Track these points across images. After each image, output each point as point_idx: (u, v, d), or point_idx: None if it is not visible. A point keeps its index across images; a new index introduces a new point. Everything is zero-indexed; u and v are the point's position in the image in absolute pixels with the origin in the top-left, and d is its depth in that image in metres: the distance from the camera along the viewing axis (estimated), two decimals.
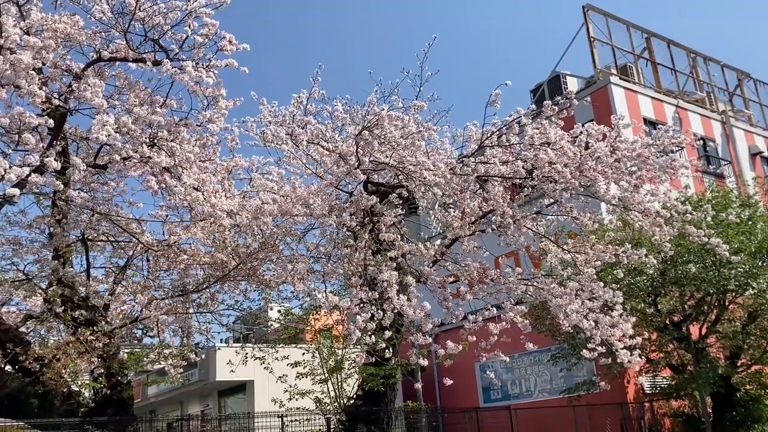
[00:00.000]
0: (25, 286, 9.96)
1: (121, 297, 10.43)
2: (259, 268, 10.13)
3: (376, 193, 9.28)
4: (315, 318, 14.04)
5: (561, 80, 25.91)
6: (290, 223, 9.67)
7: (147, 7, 7.98)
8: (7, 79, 6.73)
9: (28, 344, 8.57)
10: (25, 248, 10.03)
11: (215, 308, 11.01)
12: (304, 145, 9.14)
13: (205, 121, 8.50)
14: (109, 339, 8.60)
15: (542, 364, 21.46)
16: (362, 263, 8.37)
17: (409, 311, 7.51)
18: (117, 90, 9.16)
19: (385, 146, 8.59)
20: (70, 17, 8.07)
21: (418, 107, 8.88)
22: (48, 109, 7.26)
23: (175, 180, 8.53)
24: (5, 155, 6.88)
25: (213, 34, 8.07)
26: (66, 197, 8.39)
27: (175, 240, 9.71)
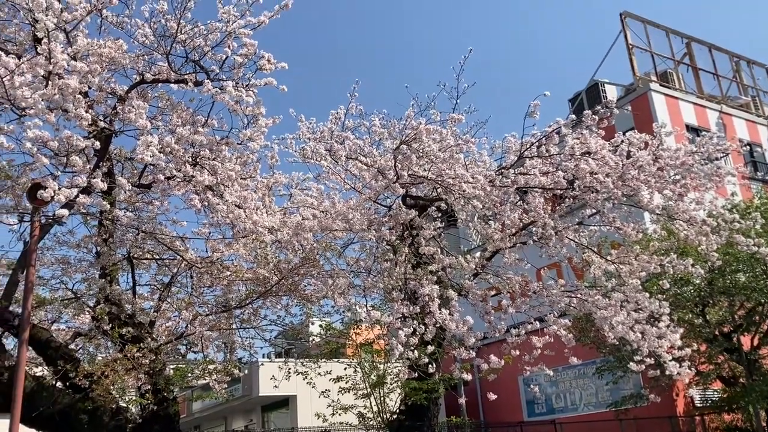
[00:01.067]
0: (74, 305, 10.19)
1: (166, 314, 10.61)
2: (300, 283, 10.20)
3: (415, 206, 9.28)
4: (356, 332, 14.05)
5: (600, 89, 25.60)
6: (330, 238, 9.74)
7: (188, 29, 8.18)
8: (55, 104, 6.95)
9: (78, 361, 8.74)
10: (73, 267, 10.29)
11: (258, 324, 11.12)
12: (342, 161, 9.21)
13: (246, 140, 8.63)
14: (155, 355, 8.73)
15: (587, 377, 21.06)
16: (403, 277, 8.36)
17: (451, 325, 7.47)
18: (160, 111, 9.39)
19: (424, 160, 8.60)
20: (114, 42, 8.31)
21: (455, 120, 8.87)
22: (94, 131, 7.46)
23: (217, 198, 8.66)
24: (54, 177, 7.10)
25: (252, 53, 8.22)
26: (112, 217, 8.59)
27: (218, 257, 9.85)
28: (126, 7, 8.72)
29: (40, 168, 7.61)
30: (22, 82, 6.66)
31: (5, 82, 6.53)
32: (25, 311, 7.13)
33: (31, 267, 7.36)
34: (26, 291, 7.25)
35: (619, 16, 25.46)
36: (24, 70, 6.78)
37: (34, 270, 7.58)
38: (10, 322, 8.44)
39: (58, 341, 9.15)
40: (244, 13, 8.17)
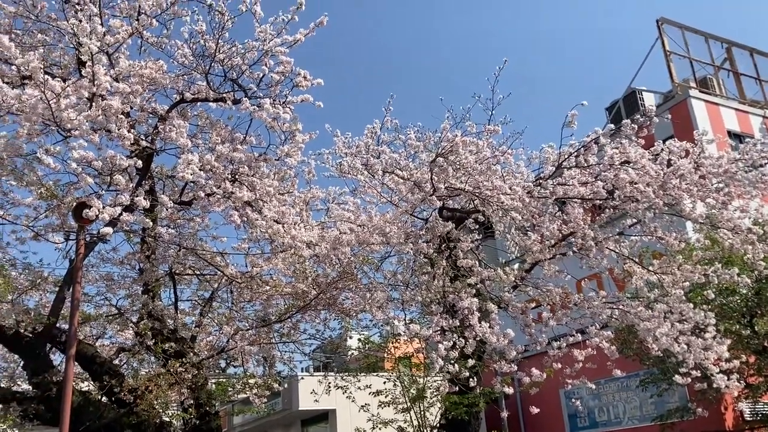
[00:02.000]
0: (118, 320, 10.40)
1: (207, 328, 10.75)
2: (338, 297, 10.25)
3: (452, 219, 9.25)
4: (394, 346, 14.03)
5: (637, 96, 25.21)
6: (367, 251, 9.77)
7: (226, 48, 8.34)
8: (99, 124, 7.13)
9: (122, 376, 8.91)
10: (117, 284, 10.51)
11: (297, 338, 11.19)
12: (379, 174, 9.25)
13: (284, 156, 8.73)
14: (197, 370, 8.85)
15: (631, 390, 20.59)
16: (441, 290, 8.33)
17: (491, 338, 7.41)
18: (199, 129, 9.58)
19: (460, 172, 8.58)
20: (154, 62, 8.52)
21: (492, 131, 8.85)
22: (136, 150, 7.64)
23: (256, 213, 8.77)
24: (99, 196, 7.28)
25: (288, 71, 8.33)
26: (155, 234, 8.75)
27: (258, 271, 9.95)
28: (165, 28, 8.95)
29: (84, 187, 7.82)
30: (67, 104, 6.85)
31: (52, 105, 6.72)
32: (72, 327, 7.30)
33: (77, 284, 7.53)
34: (73, 308, 7.43)
35: (656, 23, 25.10)
36: (69, 93, 6.97)
37: (80, 287, 7.76)
38: (58, 338, 8.65)
39: (102, 357, 9.34)
40: (280, 32, 8.30)
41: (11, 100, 6.84)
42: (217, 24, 8.25)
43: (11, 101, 6.85)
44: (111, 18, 8.26)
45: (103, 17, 7.84)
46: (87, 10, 7.36)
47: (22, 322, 8.35)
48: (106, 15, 8.30)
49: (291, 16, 8.24)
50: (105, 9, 8.39)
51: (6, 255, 9.31)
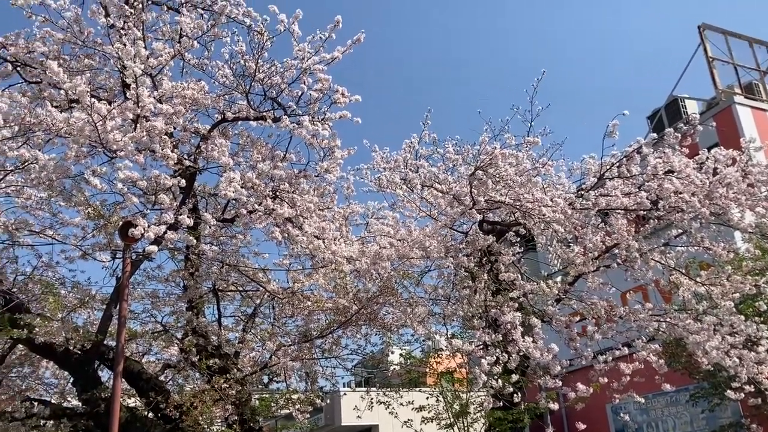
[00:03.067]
0: (163, 337, 10.55)
1: (250, 344, 10.83)
2: (379, 312, 10.23)
3: (492, 232, 9.18)
4: (437, 361, 13.93)
5: (680, 104, 24.74)
6: (407, 266, 9.75)
7: (265, 68, 8.48)
8: (143, 145, 7.30)
9: (168, 393, 9.01)
10: (162, 301, 10.68)
11: (339, 353, 11.19)
12: (417, 189, 9.25)
13: (323, 172, 8.81)
14: (241, 386, 8.92)
15: (680, 405, 20.03)
16: (483, 304, 8.25)
17: (535, 353, 7.30)
18: (240, 147, 9.74)
19: (500, 184, 8.53)
20: (196, 83, 8.70)
21: (531, 143, 8.78)
22: (180, 169, 7.79)
23: (297, 229, 8.84)
24: (144, 215, 7.43)
25: (327, 88, 8.42)
26: (198, 251, 8.88)
27: (299, 287, 10.01)
28: (206, 49, 9.15)
29: (130, 207, 8.00)
30: (113, 126, 7.03)
31: (98, 127, 6.91)
32: (119, 344, 7.44)
33: (123, 302, 7.68)
34: (119, 325, 7.57)
35: (698, 29, 24.63)
36: (115, 115, 7.16)
37: (127, 304, 7.91)
38: (106, 355, 8.83)
39: (149, 373, 9.48)
40: (318, 50, 8.41)
41: (60, 123, 7.07)
42: (256, 44, 8.41)
43: (60, 124, 7.07)
44: (154, 41, 8.49)
45: (146, 40, 8.05)
46: (131, 34, 7.56)
47: (72, 339, 8.53)
48: (149, 38, 8.53)
49: (328, 34, 8.34)
50: (148, 32, 8.64)
51: (56, 274, 9.56)
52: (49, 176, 7.34)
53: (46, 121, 7.05)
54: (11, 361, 10.66)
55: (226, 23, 8.83)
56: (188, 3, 8.81)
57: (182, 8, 8.65)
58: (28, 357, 10.64)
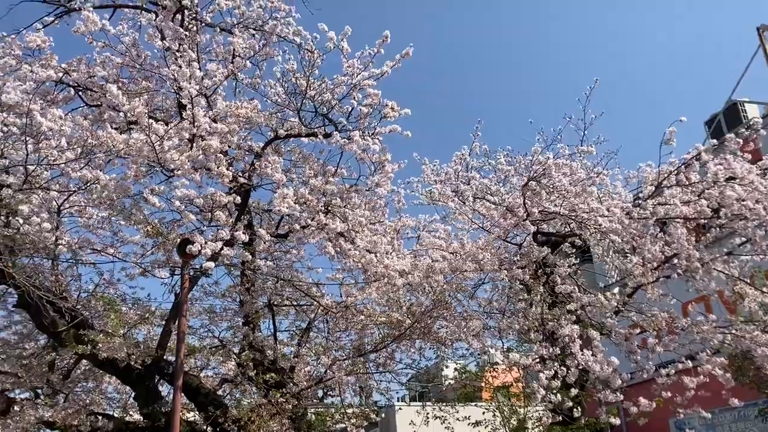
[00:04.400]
0: (221, 352, 10.71)
1: (305, 358, 10.89)
2: (433, 326, 10.15)
3: (547, 243, 9.03)
4: (492, 375, 13.73)
5: (739, 108, 23.93)
6: (461, 279, 9.67)
7: (316, 85, 8.58)
8: (199, 164, 7.47)
9: (226, 407, 9.13)
10: (219, 316, 10.86)
11: (393, 367, 11.15)
12: (469, 201, 9.17)
13: (374, 186, 8.84)
14: (297, 400, 8.97)
15: (749, 420, 19.20)
16: (539, 317, 8.10)
17: (595, 367, 7.12)
18: (293, 164, 9.87)
19: (554, 195, 8.39)
20: (249, 102, 8.88)
21: (585, 152, 8.62)
22: (234, 186, 7.93)
23: (349, 244, 8.88)
24: (201, 232, 7.59)
25: (376, 103, 8.48)
26: (254, 266, 9.01)
27: (352, 301, 10.03)
28: (258, 69, 9.33)
29: (187, 224, 8.19)
30: (170, 146, 7.22)
31: (156, 147, 7.11)
32: (179, 359, 7.57)
33: (182, 317, 7.83)
34: (179, 340, 7.71)
35: (757, 30, 23.85)
36: (171, 135, 7.36)
37: (185, 320, 8.05)
38: (165, 369, 9.01)
39: (207, 387, 9.63)
40: (367, 65, 8.48)
41: (120, 144, 7.30)
42: (307, 62, 8.53)
43: (120, 145, 7.30)
44: (208, 62, 8.70)
45: (200, 62, 8.26)
46: (186, 56, 7.76)
47: (133, 354, 8.75)
48: (204, 59, 8.75)
49: (377, 49, 8.41)
50: (202, 54, 8.86)
51: (117, 291, 9.84)
52: (110, 196, 7.57)
53: (107, 143, 7.29)
54: (76, 375, 11.00)
55: (277, 42, 9.00)
56: (240, 24, 9.01)
57: (234, 29, 8.85)
58: (92, 372, 10.96)
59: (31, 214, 6.97)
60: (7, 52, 8.16)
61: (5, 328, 10.66)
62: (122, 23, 8.97)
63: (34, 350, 10.42)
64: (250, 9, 8.96)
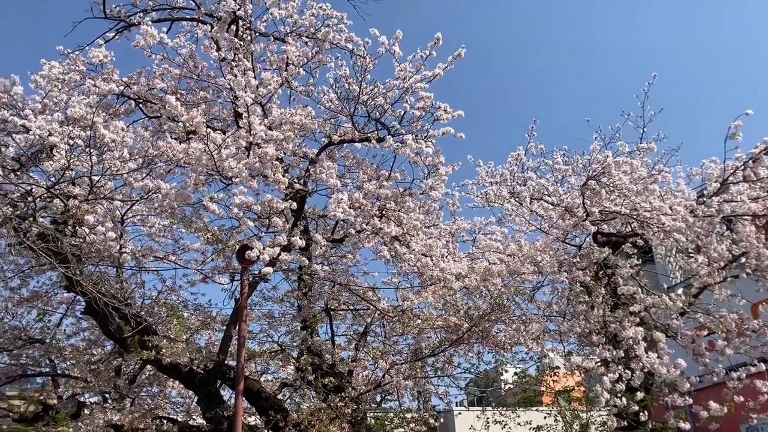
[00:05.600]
0: (280, 356, 10.83)
1: (362, 363, 10.92)
2: (491, 330, 10.04)
3: (608, 244, 8.80)
4: (553, 379, 13.48)
5: None
6: (519, 282, 9.52)
7: (368, 90, 8.61)
8: (256, 171, 7.58)
9: (286, 411, 9.21)
10: (278, 321, 11.00)
11: (451, 372, 11.07)
12: (527, 202, 9.03)
13: (428, 189, 8.81)
14: (356, 405, 8.98)
15: None
16: (601, 320, 7.89)
17: (661, 369, 6.88)
18: (347, 169, 9.93)
19: (615, 194, 8.18)
20: (303, 109, 8.97)
21: (646, 149, 8.38)
22: (290, 193, 8.02)
23: (404, 247, 8.87)
24: (259, 238, 7.70)
25: (429, 105, 8.44)
26: (311, 271, 9.09)
27: (408, 305, 10.01)
28: (311, 76, 9.44)
29: (245, 230, 8.32)
30: (228, 154, 7.36)
31: (214, 156, 7.25)
32: (240, 364, 7.68)
33: (242, 322, 7.94)
34: (239, 345, 7.83)
35: None
36: (229, 143, 7.50)
37: (245, 325, 8.17)
38: (227, 374, 9.16)
39: (267, 392, 9.74)
40: (419, 68, 8.46)
41: (179, 153, 7.49)
42: (359, 67, 8.57)
43: (179, 155, 7.49)
44: (262, 71, 8.85)
45: (255, 71, 8.41)
46: (241, 65, 7.91)
47: (195, 359, 8.93)
48: (258, 68, 8.91)
49: (429, 52, 8.38)
50: (257, 63, 9.02)
51: (179, 297, 10.08)
52: (171, 204, 7.77)
53: (167, 153, 7.50)
54: (141, 380, 11.31)
55: (330, 49, 9.08)
56: (293, 32, 9.13)
57: (287, 38, 8.98)
58: (156, 377, 11.25)
59: (96, 224, 7.21)
60: (72, 68, 8.47)
61: (74, 334, 11.07)
62: (179, 36, 9.22)
63: (102, 356, 10.76)
64: (302, 17, 9.08)
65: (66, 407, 10.75)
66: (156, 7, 9.65)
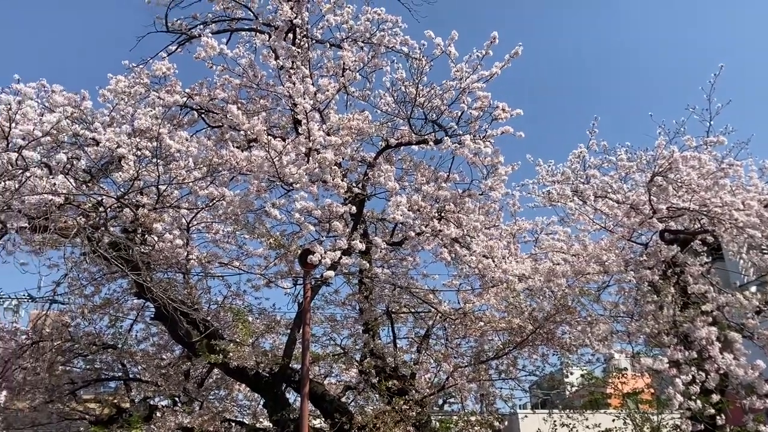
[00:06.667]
0: (343, 359, 10.92)
1: (425, 365, 10.88)
2: (556, 332, 9.85)
3: (676, 241, 8.52)
4: (621, 381, 13.11)
5: None
6: (583, 282, 9.32)
7: (425, 92, 8.59)
8: (316, 176, 7.67)
9: (351, 414, 9.27)
10: (340, 324, 11.09)
11: (516, 374, 10.91)
12: (590, 200, 8.83)
13: (487, 190, 8.73)
14: (420, 407, 8.96)
15: None
16: (671, 320, 7.64)
17: (737, 371, 6.61)
18: (405, 172, 9.93)
19: (682, 190, 7.92)
20: (360, 113, 9.03)
21: (714, 143, 8.08)
22: (350, 197, 8.08)
23: (464, 249, 8.80)
24: (320, 242, 7.78)
25: (486, 105, 8.36)
26: (371, 275, 9.12)
27: (470, 307, 9.92)
28: (367, 81, 9.50)
29: (306, 235, 8.42)
30: (288, 160, 7.47)
31: (275, 163, 7.38)
32: (304, 367, 7.77)
33: (306, 326, 8.04)
34: (304, 348, 7.92)
35: None
36: (289, 150, 7.62)
37: (309, 328, 8.26)
38: (291, 377, 9.28)
39: (331, 395, 9.83)
40: (476, 68, 8.40)
41: (242, 161, 7.64)
42: (415, 70, 8.56)
43: (242, 163, 7.65)
44: (320, 77, 8.95)
45: (313, 78, 8.51)
46: (299, 72, 8.03)
47: (261, 363, 9.08)
48: (315, 75, 9.01)
49: (485, 51, 8.31)
50: (314, 70, 9.14)
51: (244, 302, 10.27)
52: (235, 211, 7.94)
53: (230, 161, 7.67)
54: (209, 384, 11.59)
55: (386, 53, 9.12)
56: (349, 38, 9.22)
57: (343, 43, 9.06)
58: (223, 380, 11.51)
59: (164, 232, 7.43)
60: (137, 81, 8.77)
61: (144, 339, 11.43)
62: (239, 46, 9.43)
63: (171, 360, 11.07)
64: (357, 23, 9.15)
65: (138, 410, 11.10)
66: (215, 18, 9.92)
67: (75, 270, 8.93)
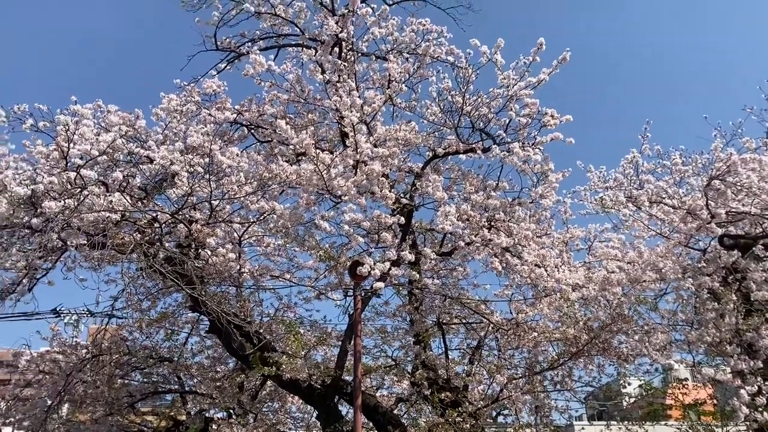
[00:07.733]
0: (395, 371, 10.85)
1: (477, 377, 10.74)
2: (612, 341, 9.60)
3: (736, 246, 8.23)
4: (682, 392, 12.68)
5: None
6: (640, 290, 9.07)
7: (472, 101, 8.55)
8: (363, 188, 7.70)
9: (404, 426, 9.19)
10: (391, 335, 11.02)
11: (571, 385, 10.66)
12: (645, 206, 8.61)
13: (538, 197, 8.61)
14: (474, 419, 8.84)
15: None
16: (734, 328, 7.36)
17: None
18: (453, 181, 9.88)
19: (742, 193, 7.65)
20: (406, 124, 9.04)
21: None
22: (398, 208, 8.07)
23: (516, 258, 8.68)
24: (369, 254, 7.80)
25: (535, 112, 8.27)
26: (421, 285, 9.07)
27: (523, 318, 9.76)
28: (413, 91, 9.50)
29: (355, 247, 8.44)
30: (336, 173, 7.53)
31: (324, 175, 7.44)
32: (356, 379, 7.76)
33: (357, 337, 8.04)
34: (356, 360, 7.91)
35: None
36: (337, 163, 7.67)
37: (360, 340, 8.25)
38: (344, 389, 9.29)
39: (384, 407, 9.78)
40: (523, 75, 8.32)
41: (291, 175, 7.74)
42: (461, 79, 8.53)
43: (291, 176, 7.74)
44: (366, 90, 9.00)
45: (359, 90, 8.57)
46: (346, 86, 8.09)
47: (313, 375, 9.10)
48: (362, 88, 9.07)
49: (532, 58, 8.23)
50: (360, 83, 9.19)
51: (295, 314, 10.33)
52: (285, 224, 8.03)
53: (280, 175, 7.77)
54: (263, 396, 11.67)
55: (431, 63, 9.12)
56: (394, 50, 9.25)
57: (389, 55, 9.10)
58: (276, 392, 11.58)
59: (217, 246, 7.56)
60: (188, 99, 8.98)
61: (199, 352, 11.60)
62: (286, 62, 9.59)
63: (225, 373, 11.20)
64: (402, 34, 9.18)
65: (195, 422, 11.25)
66: (263, 35, 10.08)
67: (132, 285, 9.14)
